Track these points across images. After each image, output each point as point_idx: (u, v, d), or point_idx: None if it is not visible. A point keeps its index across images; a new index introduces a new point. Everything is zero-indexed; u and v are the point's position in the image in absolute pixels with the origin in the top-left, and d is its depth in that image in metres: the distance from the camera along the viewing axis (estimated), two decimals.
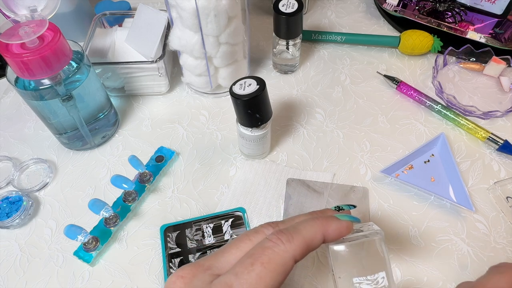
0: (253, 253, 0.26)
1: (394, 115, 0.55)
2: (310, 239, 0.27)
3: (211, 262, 0.27)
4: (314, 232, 0.28)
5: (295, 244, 0.27)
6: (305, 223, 0.28)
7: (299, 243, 0.27)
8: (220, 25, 0.46)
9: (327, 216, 0.29)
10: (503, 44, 0.57)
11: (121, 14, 0.61)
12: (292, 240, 0.27)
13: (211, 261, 0.27)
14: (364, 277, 0.29)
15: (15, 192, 0.47)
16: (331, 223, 0.28)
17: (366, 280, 0.29)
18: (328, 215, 0.30)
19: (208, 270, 0.26)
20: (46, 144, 0.53)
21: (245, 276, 0.25)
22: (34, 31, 0.40)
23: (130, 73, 0.54)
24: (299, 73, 0.60)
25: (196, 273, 0.26)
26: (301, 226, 0.28)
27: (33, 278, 0.42)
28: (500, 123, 0.53)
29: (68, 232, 0.41)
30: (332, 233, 0.28)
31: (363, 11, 0.69)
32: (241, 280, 0.25)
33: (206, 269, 0.27)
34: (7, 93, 0.59)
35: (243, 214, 0.45)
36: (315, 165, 0.50)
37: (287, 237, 0.27)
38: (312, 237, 0.27)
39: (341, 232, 0.29)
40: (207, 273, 0.26)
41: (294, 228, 0.28)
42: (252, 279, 0.25)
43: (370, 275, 0.29)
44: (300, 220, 0.29)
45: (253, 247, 0.27)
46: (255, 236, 0.28)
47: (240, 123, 0.45)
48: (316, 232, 0.28)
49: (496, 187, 0.46)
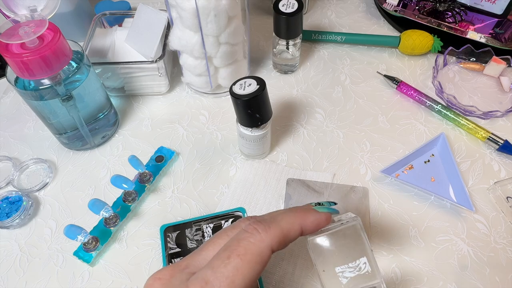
0: (229, 246, 0.26)
1: (394, 115, 0.55)
2: (287, 229, 0.27)
3: (189, 261, 0.27)
4: (292, 223, 0.28)
5: (272, 233, 0.26)
6: (283, 214, 0.28)
7: (275, 232, 0.27)
8: (220, 25, 0.46)
9: (306, 208, 0.29)
10: (503, 44, 0.57)
11: (121, 14, 0.61)
12: (269, 230, 0.27)
13: (188, 260, 0.27)
14: (346, 265, 0.29)
15: (15, 192, 0.47)
16: (309, 215, 0.29)
17: (348, 268, 0.29)
18: (307, 208, 0.30)
19: (186, 269, 0.26)
20: (46, 144, 0.53)
21: (221, 269, 0.25)
22: (34, 31, 0.40)
23: (130, 73, 0.54)
24: (299, 73, 0.60)
25: (173, 274, 0.26)
26: (279, 217, 0.28)
27: (33, 278, 0.42)
28: (500, 123, 0.53)
29: (68, 232, 0.41)
30: (310, 224, 0.28)
31: (363, 11, 0.69)
32: (217, 274, 0.24)
33: (184, 268, 0.26)
34: (7, 93, 0.59)
35: (243, 214, 0.45)
36: (315, 165, 0.50)
37: (264, 227, 0.27)
38: (290, 227, 0.27)
39: (319, 223, 0.29)
40: (185, 271, 0.26)
41: (272, 218, 0.28)
42: (229, 271, 0.24)
43: (351, 262, 0.29)
44: (279, 213, 0.29)
45: (229, 240, 0.27)
46: (232, 231, 0.28)
47: (240, 123, 0.45)
48: (293, 223, 0.28)
49: (496, 187, 0.46)
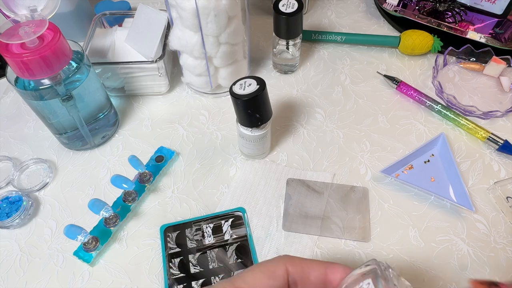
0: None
1: (394, 115, 0.55)
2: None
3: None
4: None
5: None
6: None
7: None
8: (220, 25, 0.46)
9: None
10: (503, 44, 0.57)
11: (121, 14, 0.61)
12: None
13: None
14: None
15: (15, 192, 0.47)
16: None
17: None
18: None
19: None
20: (46, 144, 0.53)
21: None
22: (34, 31, 0.40)
23: (130, 73, 0.54)
24: (299, 73, 0.60)
25: None
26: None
27: (33, 278, 0.42)
28: (500, 123, 0.53)
29: (68, 232, 0.41)
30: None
31: (363, 11, 0.69)
32: None
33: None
34: (7, 93, 0.59)
35: (243, 214, 0.45)
36: (315, 165, 0.50)
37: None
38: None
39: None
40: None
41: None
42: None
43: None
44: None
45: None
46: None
47: (240, 123, 0.45)
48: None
49: (496, 187, 0.46)
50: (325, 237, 0.44)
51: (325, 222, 0.45)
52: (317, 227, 0.44)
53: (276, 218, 0.45)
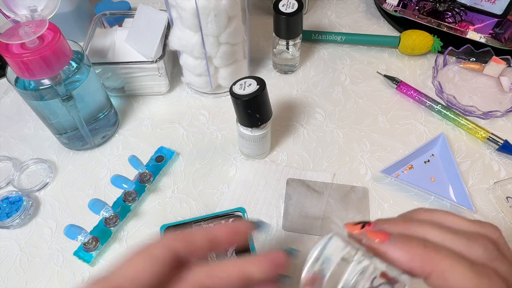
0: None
1: (394, 115, 0.55)
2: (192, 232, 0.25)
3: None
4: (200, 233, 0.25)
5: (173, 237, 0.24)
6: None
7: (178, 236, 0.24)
8: (220, 25, 0.46)
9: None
10: (503, 44, 0.57)
11: (121, 14, 0.61)
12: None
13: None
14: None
15: (15, 192, 0.47)
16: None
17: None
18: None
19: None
20: (46, 144, 0.53)
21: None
22: (34, 31, 0.40)
23: (130, 73, 0.54)
24: (299, 73, 0.60)
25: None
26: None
27: (33, 278, 0.42)
28: (500, 123, 0.53)
29: (68, 232, 0.41)
30: (222, 234, 0.26)
31: (363, 11, 0.69)
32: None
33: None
34: (7, 93, 0.59)
35: (243, 214, 0.45)
36: (315, 165, 0.50)
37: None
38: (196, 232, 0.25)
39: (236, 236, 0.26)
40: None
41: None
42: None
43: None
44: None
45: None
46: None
47: (240, 123, 0.45)
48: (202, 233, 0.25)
49: (496, 187, 0.46)
50: None
51: (325, 222, 0.45)
52: (317, 227, 0.44)
53: (276, 218, 0.45)
